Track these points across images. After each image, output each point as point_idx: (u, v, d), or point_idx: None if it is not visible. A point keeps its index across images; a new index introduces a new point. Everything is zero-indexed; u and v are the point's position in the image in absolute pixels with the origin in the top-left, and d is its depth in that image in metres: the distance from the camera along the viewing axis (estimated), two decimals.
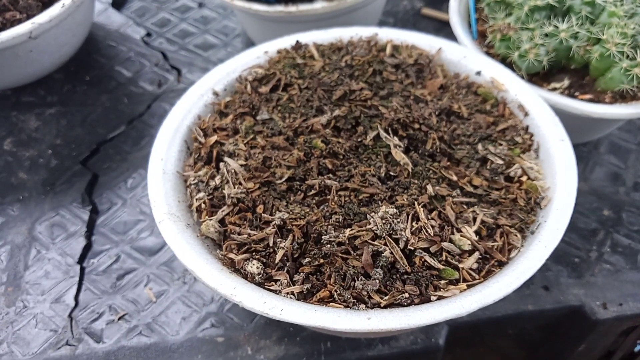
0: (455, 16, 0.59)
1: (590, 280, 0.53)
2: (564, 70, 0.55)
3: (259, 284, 0.35)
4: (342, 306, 0.33)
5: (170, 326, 0.49)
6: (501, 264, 0.36)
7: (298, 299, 0.34)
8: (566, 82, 0.54)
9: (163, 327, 0.49)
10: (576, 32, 0.51)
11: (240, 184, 0.40)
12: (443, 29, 0.76)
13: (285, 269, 0.35)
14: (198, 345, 0.48)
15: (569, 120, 0.46)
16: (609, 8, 0.51)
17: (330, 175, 0.39)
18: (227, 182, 0.40)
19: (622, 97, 0.52)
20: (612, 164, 0.61)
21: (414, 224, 0.36)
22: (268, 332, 0.48)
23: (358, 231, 0.35)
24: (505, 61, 0.55)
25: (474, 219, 0.37)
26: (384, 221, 0.35)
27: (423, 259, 0.35)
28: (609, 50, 0.49)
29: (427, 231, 0.35)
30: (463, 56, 0.49)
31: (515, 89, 0.46)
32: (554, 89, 0.53)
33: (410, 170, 0.39)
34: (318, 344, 0.48)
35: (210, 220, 0.39)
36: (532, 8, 0.53)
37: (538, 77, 0.55)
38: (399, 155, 0.40)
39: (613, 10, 0.50)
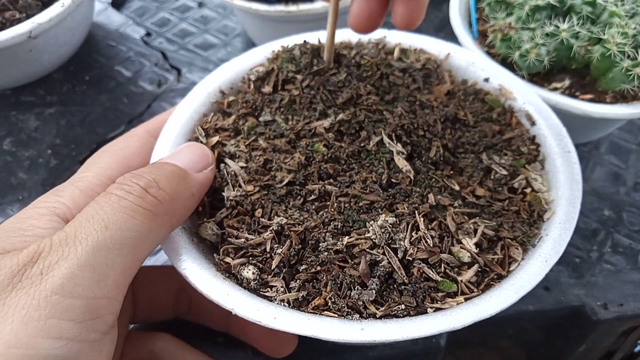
0: (455, 16, 0.59)
1: (590, 280, 0.53)
2: (565, 70, 0.55)
3: (254, 290, 0.35)
4: (337, 315, 0.33)
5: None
6: (500, 277, 0.36)
7: (293, 307, 0.34)
8: (567, 82, 0.53)
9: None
10: (577, 32, 0.51)
11: (239, 186, 0.39)
12: (443, 29, 0.76)
13: (282, 275, 0.35)
14: (198, 346, 0.48)
15: (569, 120, 0.46)
16: (610, 8, 0.51)
17: (331, 180, 0.39)
18: (227, 184, 0.40)
19: (623, 97, 0.52)
20: (613, 164, 0.61)
21: (413, 233, 0.35)
22: None
23: (356, 239, 0.35)
24: (506, 61, 0.55)
25: (475, 231, 0.37)
26: (382, 230, 0.35)
27: (421, 270, 0.34)
28: (610, 50, 0.49)
29: (426, 242, 0.35)
30: (472, 62, 0.49)
31: (524, 98, 0.46)
32: (555, 89, 0.53)
33: (412, 178, 0.39)
34: (319, 345, 0.48)
35: (209, 222, 0.39)
36: (533, 8, 0.53)
37: (539, 77, 0.54)
38: (401, 162, 0.39)
39: (614, 10, 0.50)
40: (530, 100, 0.46)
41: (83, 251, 0.28)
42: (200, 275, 0.35)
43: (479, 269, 0.35)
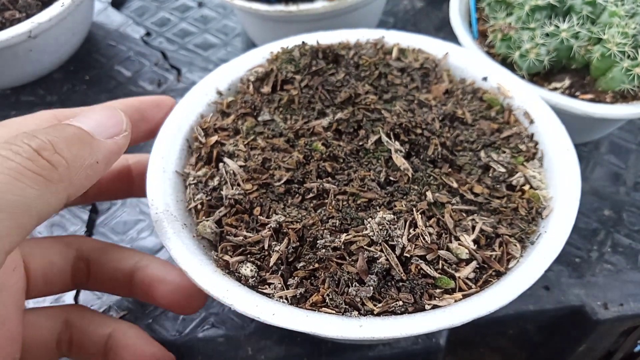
0: (455, 16, 0.59)
1: (591, 280, 0.53)
2: (565, 70, 0.54)
3: (253, 287, 0.35)
4: (335, 312, 0.33)
5: (171, 326, 0.49)
6: (499, 274, 0.36)
7: (291, 304, 0.34)
8: (567, 82, 0.53)
9: (163, 327, 0.49)
10: (577, 31, 0.51)
11: (238, 185, 0.39)
12: (443, 29, 0.76)
13: (280, 273, 0.35)
14: (198, 345, 0.48)
15: (569, 120, 0.46)
16: (610, 8, 0.51)
17: (329, 178, 0.39)
18: (226, 182, 0.40)
19: (623, 97, 0.52)
20: (613, 164, 0.61)
21: (411, 230, 0.35)
22: (269, 332, 0.48)
23: (354, 236, 0.35)
24: (506, 61, 0.55)
25: (473, 228, 0.37)
26: (380, 227, 0.35)
27: (419, 267, 0.34)
28: (610, 50, 0.49)
29: (424, 238, 0.35)
30: (470, 61, 0.49)
31: (522, 96, 0.46)
32: (555, 89, 0.53)
33: (410, 175, 0.39)
34: (319, 344, 0.48)
35: (207, 221, 0.39)
36: (533, 8, 0.53)
37: (539, 77, 0.54)
38: (399, 160, 0.39)
39: (614, 10, 0.50)
40: (528, 98, 0.46)
41: None
42: (200, 270, 0.35)
43: (477, 266, 0.35)
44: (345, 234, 0.35)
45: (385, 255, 0.34)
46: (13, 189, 0.27)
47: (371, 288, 0.33)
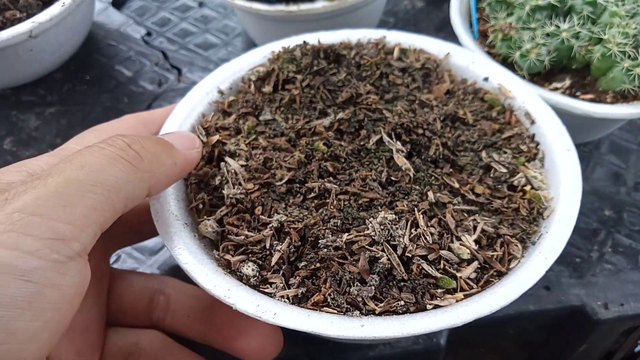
0: (456, 16, 0.59)
1: (591, 280, 0.53)
2: (566, 70, 0.54)
3: (254, 287, 0.35)
4: (336, 311, 0.33)
5: None
6: (500, 275, 0.36)
7: (292, 303, 0.34)
8: (567, 82, 0.53)
9: None
10: (577, 31, 0.51)
11: (239, 184, 0.39)
12: (444, 29, 0.76)
13: (281, 272, 0.35)
14: (200, 345, 0.48)
15: (570, 120, 0.46)
16: (611, 8, 0.51)
17: (331, 178, 0.39)
18: (227, 182, 0.40)
19: (623, 97, 0.52)
20: (613, 164, 0.61)
21: (412, 230, 0.35)
22: None
23: (356, 236, 0.35)
24: (507, 61, 0.55)
25: (475, 228, 0.37)
26: (382, 227, 0.35)
27: (420, 267, 0.34)
28: (611, 50, 0.49)
29: (425, 238, 0.35)
30: (471, 62, 0.49)
31: (523, 97, 0.46)
32: (556, 89, 0.53)
33: (411, 176, 0.39)
34: (320, 344, 0.48)
35: (209, 220, 0.39)
36: (534, 8, 0.53)
37: (539, 77, 0.54)
38: (401, 160, 0.39)
39: (615, 10, 0.50)
40: (529, 98, 0.46)
41: (53, 182, 0.28)
42: (201, 270, 0.35)
43: (479, 266, 0.35)
44: (346, 234, 0.35)
45: (387, 255, 0.34)
46: (108, 170, 0.30)
47: (373, 288, 0.33)
